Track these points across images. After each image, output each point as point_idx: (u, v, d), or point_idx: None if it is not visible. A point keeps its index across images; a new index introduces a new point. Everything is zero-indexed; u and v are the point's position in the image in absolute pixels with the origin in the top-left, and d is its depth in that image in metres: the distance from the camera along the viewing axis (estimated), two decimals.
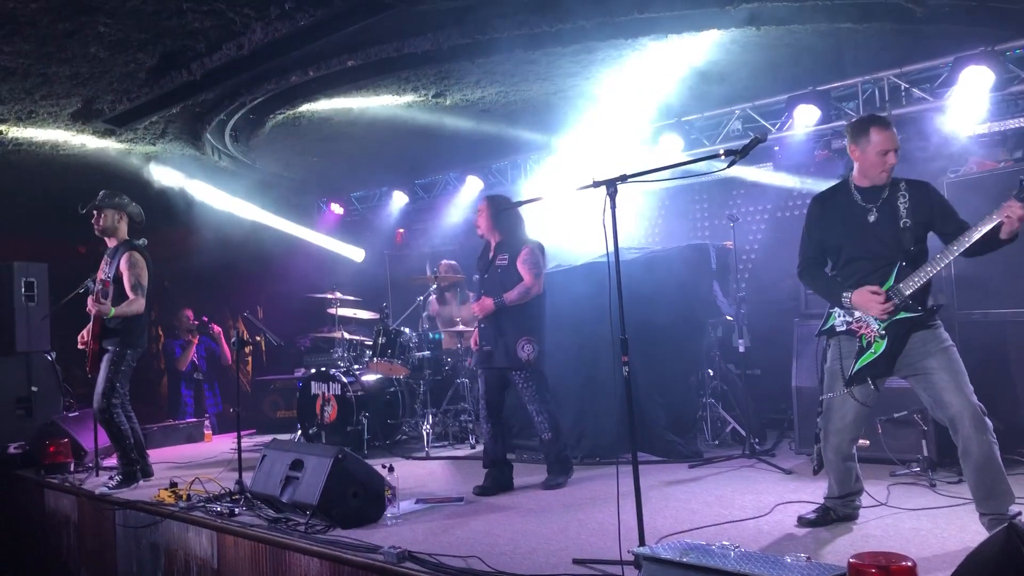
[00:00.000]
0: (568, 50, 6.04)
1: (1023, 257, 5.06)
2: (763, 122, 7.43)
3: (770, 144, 7.48)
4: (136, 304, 6.08)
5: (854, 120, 4.20)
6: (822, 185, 4.52)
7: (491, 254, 5.70)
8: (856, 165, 4.07)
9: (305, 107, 7.18)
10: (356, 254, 11.00)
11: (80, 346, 6.32)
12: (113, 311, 5.99)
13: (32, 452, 7.09)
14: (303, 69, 6.09)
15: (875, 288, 3.86)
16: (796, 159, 7.54)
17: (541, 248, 5.66)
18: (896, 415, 5.27)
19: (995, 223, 3.67)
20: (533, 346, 5.45)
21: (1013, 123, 6.27)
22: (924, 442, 5.14)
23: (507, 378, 5.57)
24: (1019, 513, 3.67)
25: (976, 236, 3.71)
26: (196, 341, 9.85)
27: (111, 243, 6.32)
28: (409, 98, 7.16)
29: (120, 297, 6.07)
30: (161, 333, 10.91)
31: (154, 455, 6.87)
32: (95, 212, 6.24)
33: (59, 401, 8.18)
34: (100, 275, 6.25)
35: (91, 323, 6.12)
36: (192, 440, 8.72)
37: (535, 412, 5.53)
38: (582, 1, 5.32)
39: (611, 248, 3.61)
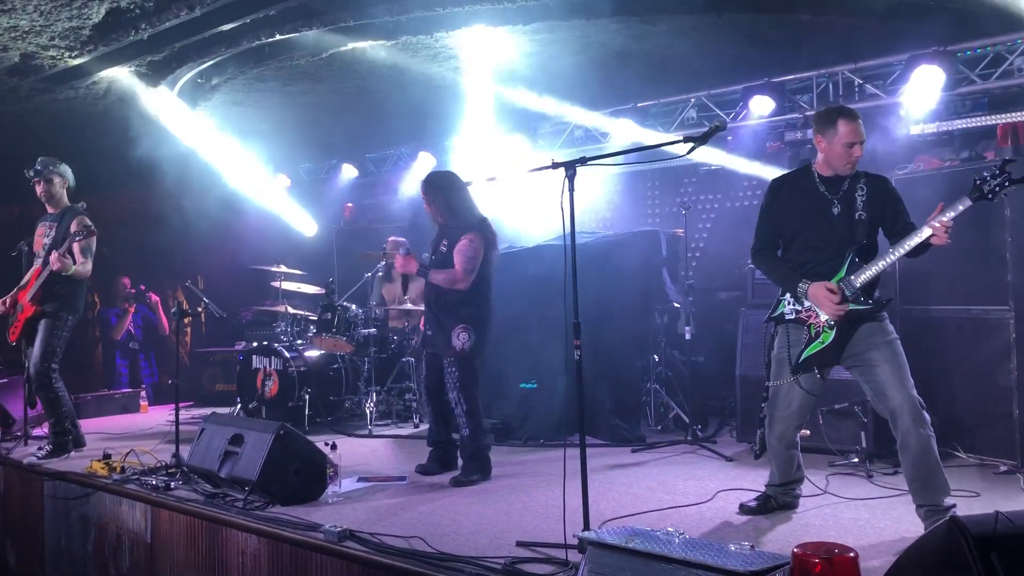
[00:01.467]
0: (528, 28, 5.98)
1: (965, 254, 5.20)
2: (718, 111, 7.47)
3: (723, 134, 7.51)
4: (87, 267, 6.00)
5: (822, 110, 4.17)
6: (772, 176, 4.53)
7: (438, 236, 5.38)
8: (821, 155, 4.07)
9: (256, 72, 6.99)
10: (308, 227, 10.77)
11: (2, 310, 6.12)
12: (74, 269, 5.86)
13: None
14: (256, 34, 5.92)
15: (832, 286, 3.87)
16: (748, 149, 7.59)
17: (488, 232, 5.25)
18: (837, 406, 5.35)
19: (928, 235, 3.72)
20: (470, 335, 5.13)
21: (960, 123, 6.37)
22: (863, 434, 5.23)
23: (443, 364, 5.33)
24: (954, 505, 3.76)
25: (913, 243, 3.78)
26: (132, 310, 9.63)
27: (52, 209, 6.14)
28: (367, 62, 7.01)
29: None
30: (97, 300, 10.61)
31: (87, 425, 6.69)
32: (39, 179, 6.05)
33: None
34: (40, 240, 6.06)
35: (29, 286, 5.94)
36: (127, 411, 8.51)
37: (454, 402, 5.19)
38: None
39: (568, 231, 3.57)
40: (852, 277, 3.88)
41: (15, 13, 5.50)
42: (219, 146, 8.99)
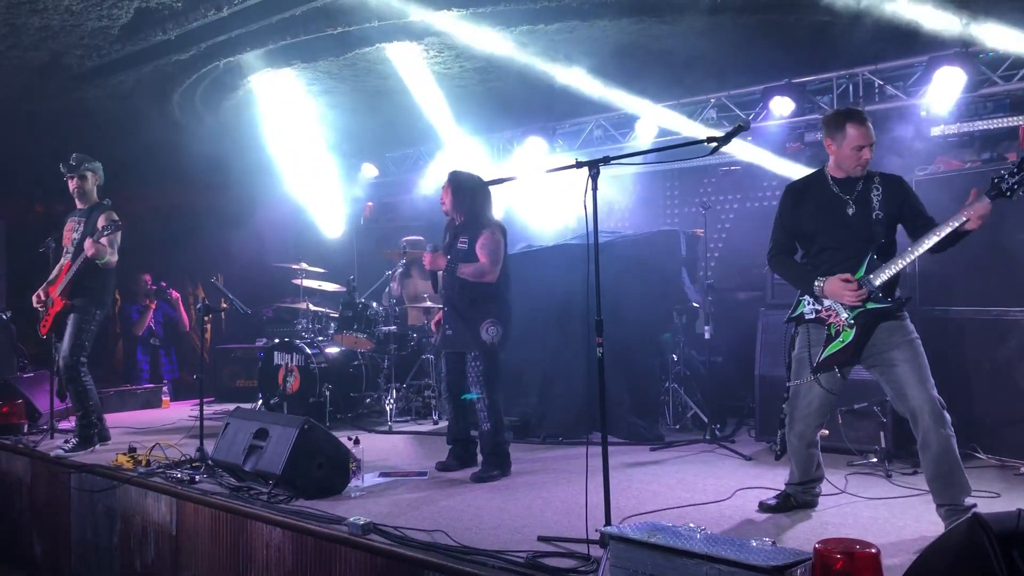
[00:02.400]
0: (551, 28, 6.02)
1: (984, 256, 5.20)
2: (738, 111, 7.48)
3: (743, 134, 7.52)
4: (114, 257, 6.07)
5: (830, 113, 4.20)
6: (793, 176, 4.56)
7: (453, 233, 5.44)
8: (831, 158, 4.11)
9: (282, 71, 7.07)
10: (334, 227, 10.81)
11: (36, 305, 6.21)
12: (108, 258, 5.95)
13: None
14: (281, 35, 5.99)
15: (847, 276, 3.90)
16: (769, 150, 7.59)
17: (503, 232, 5.36)
18: (856, 406, 5.37)
19: (963, 221, 3.74)
20: (498, 329, 5.23)
21: (981, 125, 6.37)
22: (882, 433, 5.24)
23: (466, 360, 5.36)
24: (975, 504, 3.76)
25: (945, 232, 3.78)
26: (153, 306, 9.71)
27: (81, 204, 6.22)
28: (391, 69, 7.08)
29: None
30: (118, 297, 10.71)
31: (111, 420, 6.77)
32: (74, 174, 6.13)
33: (13, 361, 7.96)
34: (69, 235, 6.15)
35: (59, 280, 6.03)
36: (149, 405, 8.61)
37: (478, 395, 5.26)
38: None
39: (591, 229, 3.61)
40: (871, 276, 3.89)
41: (47, 13, 5.59)
42: (243, 144, 9.06)
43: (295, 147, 9.47)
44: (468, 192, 5.33)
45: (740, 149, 7.50)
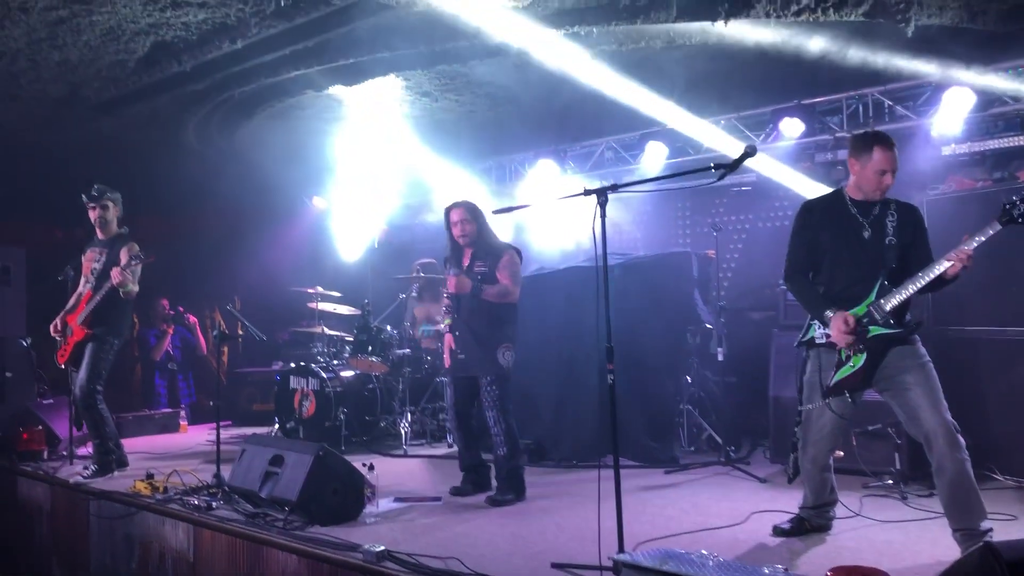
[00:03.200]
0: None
1: (998, 275, 5.19)
2: (748, 133, 7.50)
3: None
4: (135, 288, 6.14)
5: (859, 133, 4.22)
6: (804, 197, 4.57)
7: (465, 261, 5.46)
8: (852, 178, 4.12)
9: (294, 101, 7.17)
10: (351, 250, 10.89)
11: (54, 335, 6.27)
12: (130, 287, 6.01)
13: (5, 439, 6.98)
14: (296, 65, 6.07)
15: (849, 318, 3.91)
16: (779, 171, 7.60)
17: (520, 255, 5.55)
18: (870, 428, 5.34)
19: (947, 265, 3.76)
20: (513, 354, 5.34)
21: (992, 143, 6.37)
22: (897, 455, 5.21)
23: (478, 385, 5.35)
24: (991, 529, 3.75)
25: (933, 274, 3.82)
26: (171, 331, 9.79)
27: (102, 235, 6.28)
28: (400, 94, 7.16)
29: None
30: (136, 321, 10.82)
31: (129, 444, 6.82)
32: (96, 204, 6.19)
33: (33, 388, 8.07)
34: (90, 265, 6.21)
35: (79, 309, 6.09)
36: (167, 430, 8.67)
37: (492, 421, 5.27)
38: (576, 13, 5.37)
39: (599, 255, 3.64)
40: (882, 301, 3.91)
41: (66, 48, 5.71)
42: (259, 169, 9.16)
43: (312, 170, 9.57)
44: (484, 219, 5.48)
45: (759, 162, 7.48)
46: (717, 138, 7.58)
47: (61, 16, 5.17)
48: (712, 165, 3.67)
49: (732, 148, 7.28)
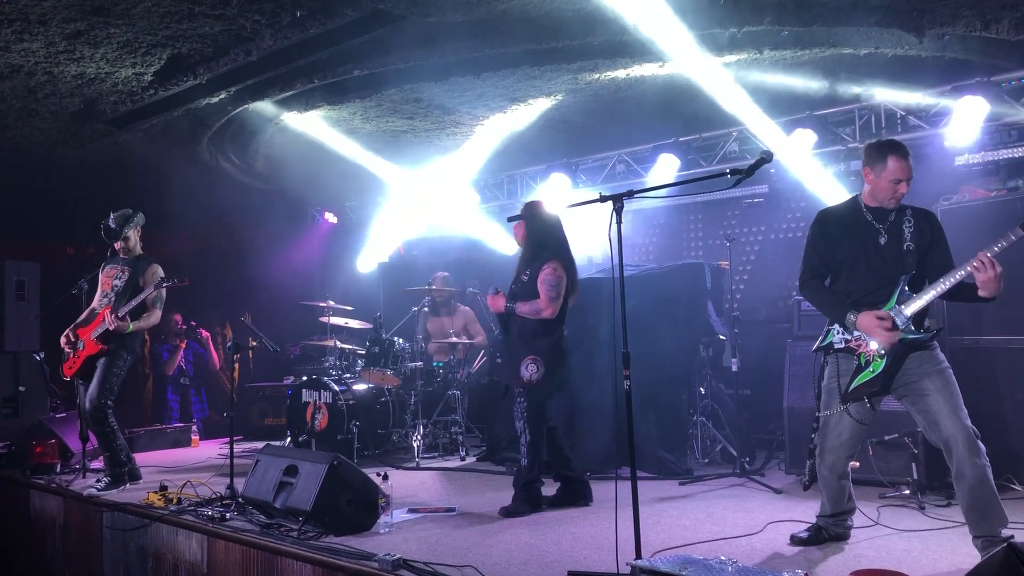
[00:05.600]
0: (574, 65, 6.10)
1: (1014, 284, 5.15)
2: (760, 144, 7.50)
3: (766, 167, 7.52)
4: (153, 317, 6.15)
5: (873, 142, 4.21)
6: (818, 208, 4.56)
7: (520, 267, 5.42)
8: (867, 187, 4.12)
9: (309, 113, 7.21)
10: (367, 264, 10.91)
11: (64, 347, 6.28)
12: (132, 327, 5.99)
13: (18, 452, 7.02)
14: (309, 77, 6.11)
15: (882, 313, 3.89)
16: (792, 182, 7.60)
17: (566, 266, 5.29)
18: (887, 437, 5.31)
19: (969, 270, 3.74)
20: (538, 368, 5.16)
21: (1006, 153, 6.35)
22: (914, 465, 5.18)
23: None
24: (1012, 536, 3.71)
25: (955, 279, 3.80)
26: (184, 346, 9.82)
27: (125, 254, 6.27)
28: (411, 107, 7.20)
29: (138, 309, 6.05)
30: (148, 337, 10.86)
31: (141, 459, 6.83)
32: (119, 240, 6.17)
33: (46, 401, 8.11)
34: (110, 282, 6.21)
35: (95, 323, 6.09)
36: (179, 444, 8.65)
37: (519, 431, 5.27)
38: (581, 22, 5.40)
39: (616, 263, 3.64)
40: (902, 306, 3.89)
41: (83, 62, 5.76)
42: (271, 183, 9.22)
43: (326, 185, 9.61)
44: (535, 223, 5.33)
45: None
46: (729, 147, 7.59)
47: (79, 28, 5.21)
48: (728, 171, 3.69)
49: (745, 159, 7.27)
